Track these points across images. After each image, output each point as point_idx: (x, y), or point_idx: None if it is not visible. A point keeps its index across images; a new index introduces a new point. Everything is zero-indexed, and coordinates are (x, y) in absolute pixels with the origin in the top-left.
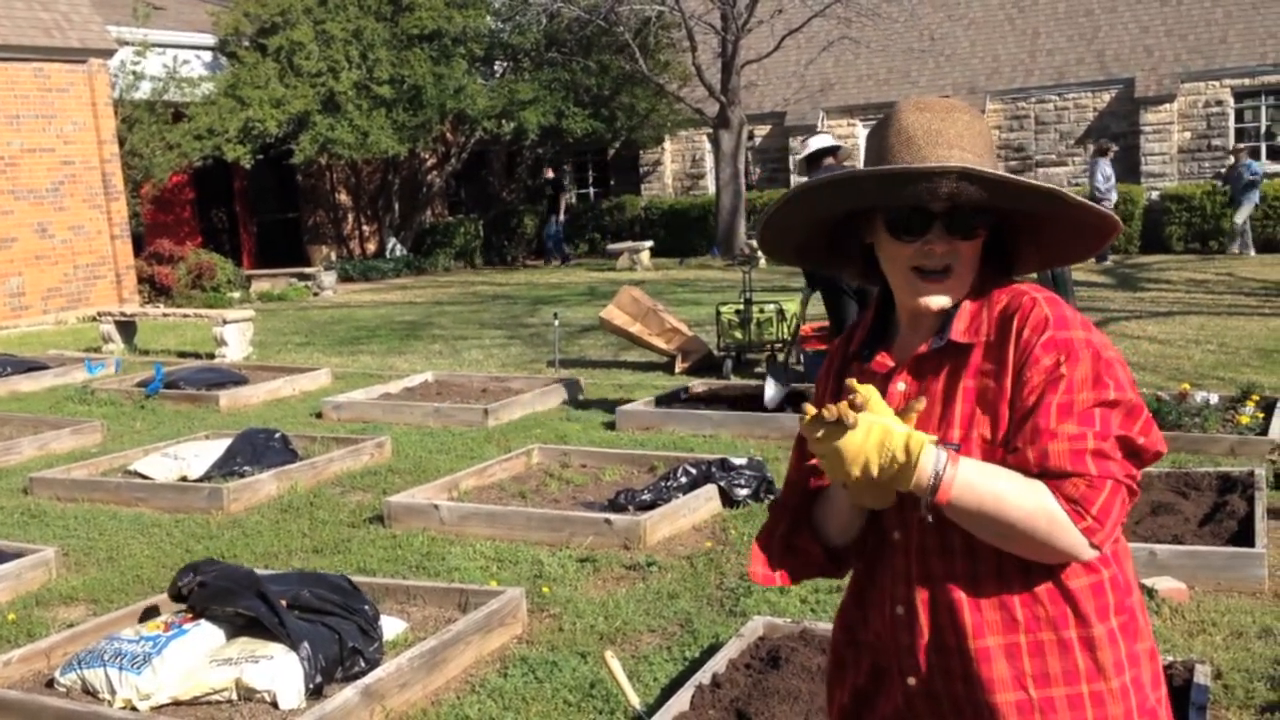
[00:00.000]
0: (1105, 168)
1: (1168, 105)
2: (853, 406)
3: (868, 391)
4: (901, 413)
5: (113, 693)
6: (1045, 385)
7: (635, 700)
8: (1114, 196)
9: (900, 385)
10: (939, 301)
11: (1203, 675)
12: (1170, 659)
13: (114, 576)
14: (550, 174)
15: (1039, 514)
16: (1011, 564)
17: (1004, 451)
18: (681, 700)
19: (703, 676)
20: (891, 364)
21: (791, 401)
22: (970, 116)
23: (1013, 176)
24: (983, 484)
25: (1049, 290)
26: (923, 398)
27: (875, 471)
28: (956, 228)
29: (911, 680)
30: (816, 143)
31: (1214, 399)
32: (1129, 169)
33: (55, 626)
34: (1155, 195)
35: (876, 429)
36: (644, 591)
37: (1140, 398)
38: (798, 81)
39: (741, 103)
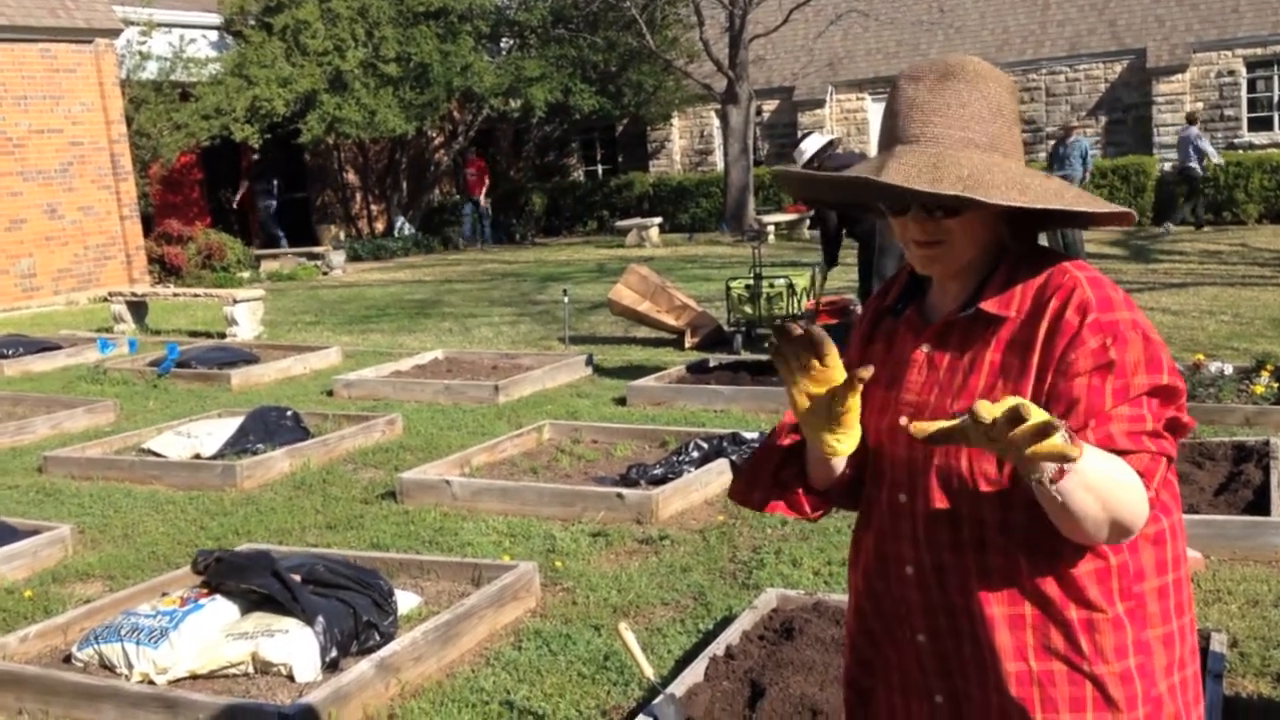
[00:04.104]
0: (1201, 141)
1: (1180, 75)
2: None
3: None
4: (847, 382)
5: (130, 667)
6: (1094, 370)
7: (649, 672)
8: (1195, 166)
9: (924, 348)
10: (936, 269)
11: (1219, 644)
12: None
13: (129, 553)
14: (255, 156)
15: (1138, 488)
16: (1017, 540)
17: None
18: (696, 671)
19: (716, 648)
20: (921, 323)
21: None
22: (968, 85)
23: (924, 191)
24: (1100, 459)
25: (1092, 269)
26: (870, 366)
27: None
28: (934, 207)
29: (921, 637)
30: (810, 147)
31: (1228, 369)
32: (1141, 140)
33: (72, 603)
34: (1168, 166)
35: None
36: (657, 565)
37: (1181, 379)
38: (806, 56)
39: (749, 78)
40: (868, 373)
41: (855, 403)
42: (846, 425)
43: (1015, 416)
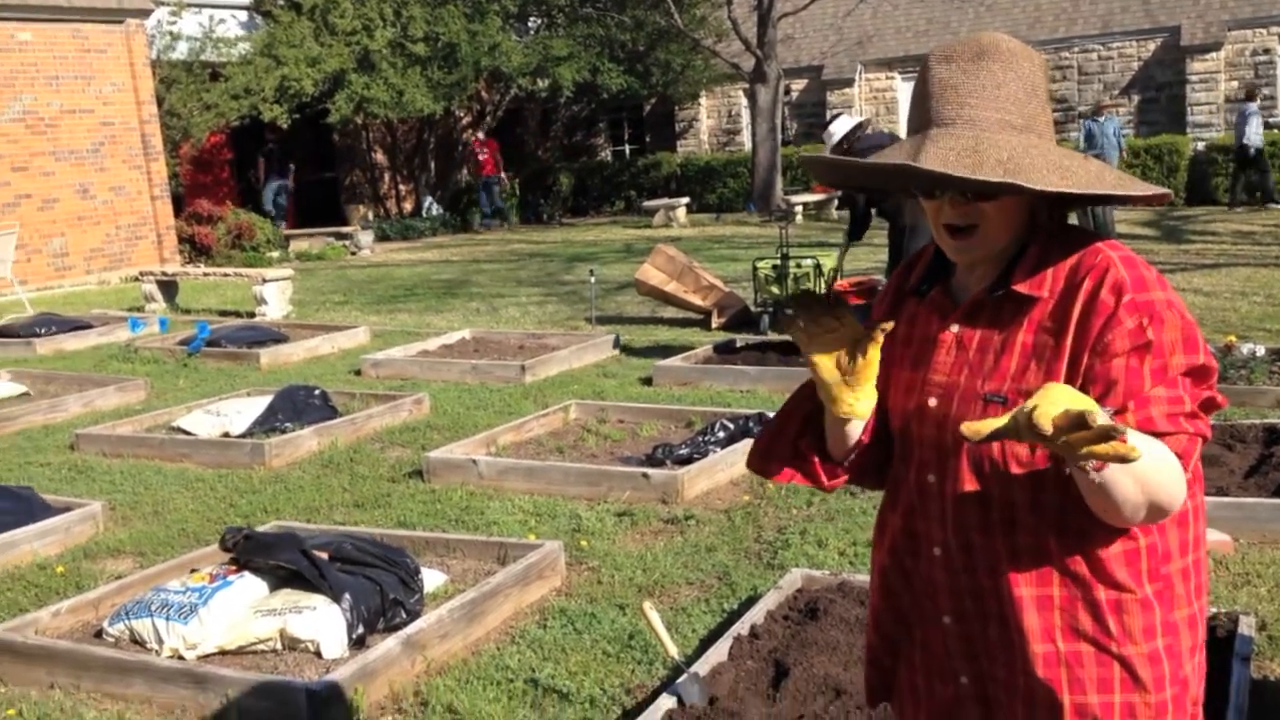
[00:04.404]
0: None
1: (1214, 54)
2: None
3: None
4: (868, 335)
5: (160, 642)
6: (1131, 351)
7: (674, 651)
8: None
9: (954, 328)
10: (968, 256)
11: (1247, 627)
12: (1215, 610)
13: (159, 530)
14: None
15: (1177, 469)
16: (1047, 523)
17: None
18: (720, 651)
19: (741, 628)
20: (948, 303)
21: None
22: (1003, 65)
23: (971, 178)
24: (1145, 453)
25: (1124, 248)
26: (891, 321)
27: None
28: (970, 191)
29: (947, 619)
30: (840, 129)
31: (1260, 351)
32: (1174, 119)
33: (103, 578)
34: (1201, 146)
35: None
36: (682, 545)
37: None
38: (835, 34)
39: (778, 57)
40: (889, 325)
41: (875, 355)
42: (864, 382)
43: (1080, 424)
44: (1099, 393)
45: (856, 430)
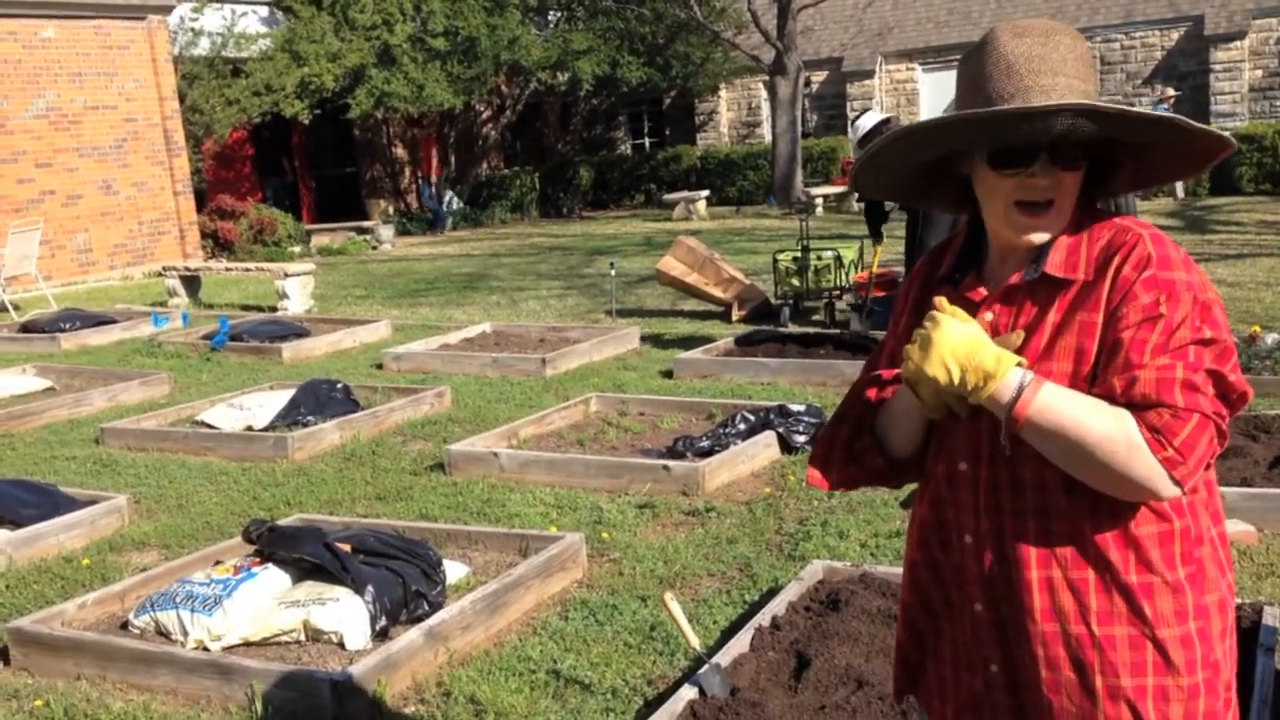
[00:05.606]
0: None
1: (1238, 42)
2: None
3: (956, 311)
4: (997, 341)
5: (185, 634)
6: (1141, 323)
7: (695, 642)
8: None
9: (988, 315)
10: (1040, 237)
11: (1271, 617)
12: (1239, 601)
13: (184, 522)
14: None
15: (1118, 439)
16: (1081, 504)
17: (1087, 388)
18: (741, 642)
19: (762, 619)
20: (983, 291)
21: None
22: (1071, 39)
23: (1134, 111)
24: (1064, 404)
25: (1153, 226)
26: (1020, 332)
27: (956, 376)
28: (1062, 158)
29: (979, 606)
30: (867, 122)
31: None
32: (1198, 108)
33: (128, 571)
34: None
35: (973, 338)
36: (703, 537)
37: (1233, 342)
38: (855, 25)
39: (798, 49)
40: (1017, 338)
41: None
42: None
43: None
44: (1105, 361)
45: (924, 425)
